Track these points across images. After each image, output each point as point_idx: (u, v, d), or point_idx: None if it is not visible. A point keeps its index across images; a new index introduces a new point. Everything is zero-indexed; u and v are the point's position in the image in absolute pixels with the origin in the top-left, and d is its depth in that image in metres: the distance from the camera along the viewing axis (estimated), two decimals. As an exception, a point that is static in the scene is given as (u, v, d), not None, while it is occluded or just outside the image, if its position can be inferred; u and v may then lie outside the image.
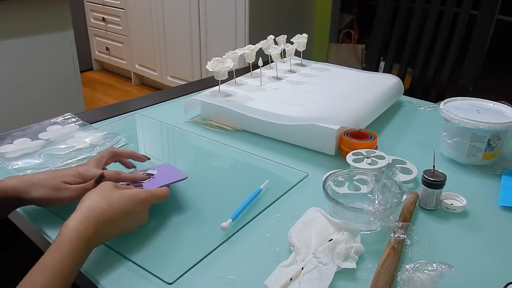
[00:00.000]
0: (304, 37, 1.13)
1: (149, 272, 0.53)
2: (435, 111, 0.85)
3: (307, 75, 1.12)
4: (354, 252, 0.54)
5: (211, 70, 0.93)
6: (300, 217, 0.61)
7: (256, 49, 1.04)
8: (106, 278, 0.52)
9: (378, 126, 0.96)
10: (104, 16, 3.32)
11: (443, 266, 0.48)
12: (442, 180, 0.66)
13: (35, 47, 1.80)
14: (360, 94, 1.00)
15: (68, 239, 0.47)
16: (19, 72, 1.78)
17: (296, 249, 0.54)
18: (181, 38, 2.79)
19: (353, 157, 0.74)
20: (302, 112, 0.87)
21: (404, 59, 1.50)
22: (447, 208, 0.67)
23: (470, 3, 1.36)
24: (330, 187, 0.65)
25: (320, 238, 0.55)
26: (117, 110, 1.02)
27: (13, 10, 1.69)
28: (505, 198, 0.70)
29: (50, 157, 0.79)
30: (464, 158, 0.80)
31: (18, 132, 0.87)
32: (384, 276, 0.51)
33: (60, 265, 0.45)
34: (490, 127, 0.76)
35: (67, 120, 0.94)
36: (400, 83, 1.10)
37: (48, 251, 0.46)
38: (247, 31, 2.38)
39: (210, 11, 2.55)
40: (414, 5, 1.46)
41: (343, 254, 0.53)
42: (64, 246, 0.46)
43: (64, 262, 0.45)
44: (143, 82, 3.42)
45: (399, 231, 0.55)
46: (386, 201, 0.59)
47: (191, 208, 0.67)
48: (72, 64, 1.94)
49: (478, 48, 1.34)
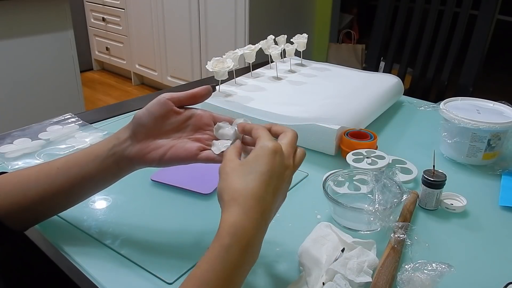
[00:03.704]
0: (304, 37, 1.13)
1: (149, 272, 0.53)
2: (435, 111, 0.85)
3: (307, 75, 1.12)
4: (368, 266, 0.51)
5: (211, 70, 0.93)
6: (309, 234, 0.58)
7: (256, 49, 1.04)
8: (106, 278, 0.52)
9: (378, 126, 0.96)
10: (104, 16, 3.32)
11: (443, 266, 0.48)
12: (442, 180, 0.66)
13: (35, 47, 1.80)
14: (360, 94, 1.00)
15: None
16: (19, 72, 1.78)
17: (306, 269, 0.52)
18: (181, 38, 2.79)
19: (353, 157, 0.74)
20: (302, 112, 0.87)
21: (404, 59, 1.50)
22: (447, 208, 0.67)
23: (470, 3, 1.36)
24: (330, 187, 0.65)
25: (331, 259, 0.53)
26: (117, 110, 1.02)
27: (13, 10, 1.69)
28: (505, 198, 0.70)
29: (50, 157, 0.79)
30: (464, 158, 0.80)
31: (18, 132, 0.87)
32: (384, 276, 0.51)
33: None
34: (490, 127, 0.76)
35: (67, 120, 0.94)
36: (400, 83, 1.10)
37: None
38: (247, 31, 2.38)
39: (210, 11, 2.55)
40: (414, 5, 1.46)
41: (356, 269, 0.50)
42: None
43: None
44: (143, 82, 3.42)
45: (399, 231, 0.55)
46: (386, 201, 0.59)
47: (191, 208, 0.67)
48: (72, 64, 1.94)
49: (478, 48, 1.34)
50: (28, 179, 0.54)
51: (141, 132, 0.53)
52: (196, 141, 0.54)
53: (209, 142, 0.55)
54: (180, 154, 0.53)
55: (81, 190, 0.55)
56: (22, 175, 0.55)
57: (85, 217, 0.63)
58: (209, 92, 0.56)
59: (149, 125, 0.53)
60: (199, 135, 0.55)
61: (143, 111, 0.54)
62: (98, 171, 0.53)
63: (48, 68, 1.86)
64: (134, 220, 0.63)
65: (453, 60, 1.40)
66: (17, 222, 0.54)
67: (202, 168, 0.75)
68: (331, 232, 0.58)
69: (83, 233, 0.60)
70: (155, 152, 0.53)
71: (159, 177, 0.72)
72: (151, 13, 2.92)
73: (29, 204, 0.53)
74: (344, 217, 0.62)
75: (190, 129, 0.55)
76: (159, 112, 0.54)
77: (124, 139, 0.54)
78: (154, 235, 0.60)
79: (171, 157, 0.53)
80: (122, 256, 0.56)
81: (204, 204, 0.68)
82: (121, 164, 0.54)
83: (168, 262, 0.55)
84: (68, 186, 0.53)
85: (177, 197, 0.69)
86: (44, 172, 0.54)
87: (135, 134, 0.53)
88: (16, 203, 0.52)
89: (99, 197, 0.68)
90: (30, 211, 0.54)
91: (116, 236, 0.59)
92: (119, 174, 0.55)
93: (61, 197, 0.54)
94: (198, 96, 0.56)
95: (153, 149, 0.53)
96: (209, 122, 0.56)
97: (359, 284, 0.49)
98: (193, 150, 0.53)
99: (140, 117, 0.54)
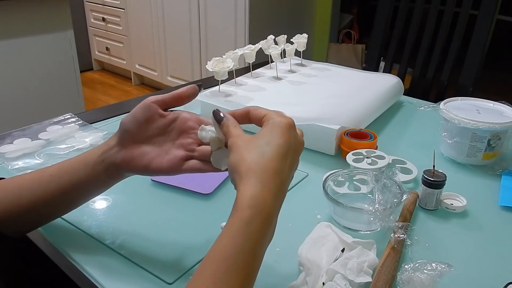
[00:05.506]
0: (304, 37, 1.13)
1: (149, 272, 0.53)
2: (435, 111, 0.85)
3: (307, 75, 1.12)
4: (368, 266, 0.51)
5: (211, 70, 0.93)
6: (309, 234, 0.58)
7: (256, 49, 1.04)
8: (106, 278, 0.52)
9: (378, 126, 0.96)
10: (104, 16, 3.32)
11: (442, 266, 0.48)
12: (442, 180, 0.66)
13: (35, 47, 1.80)
14: (360, 94, 1.00)
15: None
16: (19, 72, 1.78)
17: (306, 269, 0.52)
18: (181, 38, 2.79)
19: (353, 157, 0.74)
20: (302, 112, 0.87)
21: (404, 59, 1.50)
22: (447, 208, 0.67)
23: (470, 3, 1.36)
24: (330, 187, 0.65)
25: (331, 259, 0.53)
26: (117, 110, 1.02)
27: (13, 10, 1.69)
28: (505, 198, 0.70)
29: (50, 157, 0.79)
30: (464, 158, 0.80)
31: (18, 132, 0.87)
32: (384, 276, 0.51)
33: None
34: (490, 127, 0.76)
35: (67, 120, 0.94)
36: (400, 83, 1.10)
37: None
38: (247, 31, 2.38)
39: (210, 11, 2.55)
40: (414, 5, 1.46)
41: (356, 269, 0.50)
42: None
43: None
44: (143, 82, 3.42)
45: (399, 231, 0.55)
46: (386, 201, 0.59)
47: (191, 208, 0.67)
48: (72, 64, 1.94)
49: (478, 48, 1.34)
50: (21, 186, 0.53)
51: (127, 138, 0.52)
52: (180, 148, 0.53)
53: (193, 146, 0.53)
54: (163, 167, 0.52)
55: (73, 197, 0.55)
56: (16, 182, 0.54)
57: (85, 217, 0.63)
58: (195, 91, 0.55)
59: (134, 130, 0.52)
60: (183, 139, 0.53)
61: (128, 116, 0.53)
62: (88, 178, 0.53)
63: (48, 68, 1.86)
64: (134, 220, 0.63)
65: (453, 60, 1.40)
66: (10, 229, 0.53)
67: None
68: (331, 232, 0.58)
69: (83, 233, 0.60)
70: (139, 160, 0.52)
71: (159, 177, 0.72)
72: (151, 13, 2.92)
73: (23, 211, 0.52)
74: (344, 217, 0.62)
75: (174, 133, 0.54)
76: (143, 116, 0.52)
77: (112, 146, 0.53)
78: (154, 235, 0.60)
79: (155, 169, 0.52)
80: (122, 256, 0.56)
81: (204, 204, 0.68)
82: (110, 171, 0.53)
83: (168, 262, 0.55)
84: (60, 193, 0.53)
85: (177, 197, 0.69)
86: (36, 179, 0.54)
87: (121, 140, 0.53)
88: (9, 210, 0.52)
89: (99, 197, 0.67)
90: (23, 218, 0.53)
91: (116, 236, 0.59)
92: (109, 182, 0.54)
93: (53, 205, 0.54)
94: (184, 97, 0.54)
95: (138, 156, 0.52)
96: (194, 126, 0.54)
97: (359, 284, 0.49)
98: (176, 161, 0.52)
99: (125, 123, 0.53)
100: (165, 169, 0.52)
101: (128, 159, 0.52)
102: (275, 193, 0.42)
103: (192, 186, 0.70)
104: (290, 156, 0.45)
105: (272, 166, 0.43)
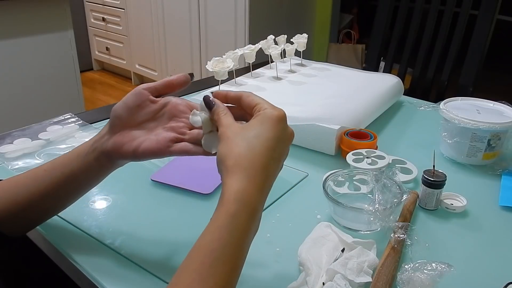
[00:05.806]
0: (304, 37, 1.13)
1: (149, 272, 0.53)
2: (435, 111, 0.85)
3: (307, 75, 1.12)
4: (368, 266, 0.52)
5: (211, 70, 0.93)
6: (309, 234, 0.58)
7: (256, 49, 1.04)
8: (106, 278, 0.52)
9: (378, 126, 0.96)
10: (104, 16, 3.32)
11: (442, 266, 0.48)
12: (442, 180, 0.66)
13: (35, 47, 1.80)
14: (360, 94, 0.99)
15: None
16: (19, 72, 1.78)
17: (306, 269, 0.52)
18: (181, 38, 2.79)
19: (353, 157, 0.74)
20: (302, 112, 0.87)
21: (404, 59, 1.50)
22: (447, 208, 0.67)
23: (470, 3, 1.36)
24: (330, 187, 0.65)
25: (331, 259, 0.53)
26: (117, 110, 1.02)
27: (13, 10, 1.69)
28: (505, 198, 0.70)
29: (50, 157, 0.79)
30: (464, 158, 0.80)
31: (18, 132, 0.87)
32: (384, 276, 0.51)
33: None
34: (490, 127, 0.76)
35: (67, 120, 0.94)
36: (400, 83, 1.10)
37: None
38: (247, 31, 2.38)
39: (210, 11, 2.55)
40: (414, 5, 1.46)
41: (356, 269, 0.50)
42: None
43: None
44: (143, 82, 3.42)
45: (399, 231, 0.55)
46: (386, 201, 0.59)
47: (191, 208, 0.67)
48: (72, 64, 1.94)
49: (478, 48, 1.34)
50: (17, 184, 0.54)
51: (117, 124, 0.53)
52: (170, 130, 0.53)
53: (184, 130, 0.53)
54: (152, 147, 0.51)
55: (67, 190, 0.54)
56: (12, 180, 0.55)
57: (85, 217, 0.63)
58: (186, 79, 0.55)
59: (124, 116, 0.52)
60: (173, 123, 0.53)
61: (119, 103, 0.53)
62: (81, 169, 0.53)
63: (48, 68, 1.86)
64: (134, 220, 0.63)
65: (453, 60, 1.40)
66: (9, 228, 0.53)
67: (202, 168, 0.76)
68: (331, 232, 0.58)
69: (83, 233, 0.60)
70: (129, 144, 0.52)
71: (159, 177, 0.72)
72: (151, 13, 2.91)
73: (20, 209, 0.53)
74: (344, 217, 0.62)
75: (165, 117, 0.54)
76: (134, 102, 0.53)
77: (103, 134, 0.53)
78: (154, 235, 0.60)
79: (143, 151, 0.52)
80: (122, 256, 0.56)
81: (204, 204, 0.68)
82: (101, 159, 0.53)
83: (168, 262, 0.55)
84: (53, 188, 0.53)
85: (177, 197, 0.69)
86: (31, 176, 0.54)
87: (112, 127, 0.53)
88: (7, 209, 0.52)
89: (99, 197, 0.68)
90: (21, 216, 0.54)
91: (116, 236, 0.59)
92: (101, 172, 0.54)
93: (48, 200, 0.54)
94: (176, 84, 0.54)
95: (128, 141, 0.52)
96: (185, 110, 0.54)
97: (359, 284, 0.49)
98: (165, 142, 0.52)
99: (116, 109, 0.53)
100: (153, 150, 0.52)
101: (118, 145, 0.52)
102: (260, 187, 0.43)
103: (192, 186, 0.70)
104: (278, 149, 0.45)
105: (260, 161, 0.43)
